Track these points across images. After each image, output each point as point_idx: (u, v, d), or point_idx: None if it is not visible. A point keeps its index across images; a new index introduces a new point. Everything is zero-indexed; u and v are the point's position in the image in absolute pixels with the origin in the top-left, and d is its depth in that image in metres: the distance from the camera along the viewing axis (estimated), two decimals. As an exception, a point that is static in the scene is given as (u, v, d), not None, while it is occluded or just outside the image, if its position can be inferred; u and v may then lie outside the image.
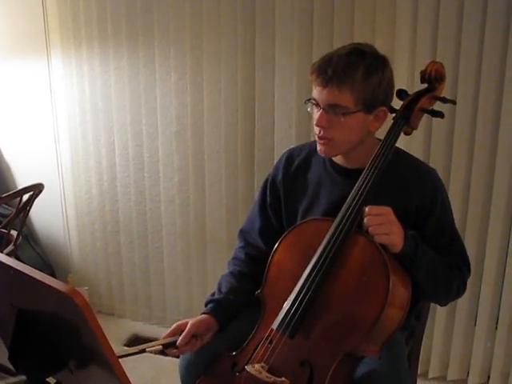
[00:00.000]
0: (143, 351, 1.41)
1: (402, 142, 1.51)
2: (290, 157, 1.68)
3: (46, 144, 3.21)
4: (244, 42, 2.52)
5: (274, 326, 1.40)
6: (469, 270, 1.54)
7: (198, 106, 2.69)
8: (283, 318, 1.39)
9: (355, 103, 1.40)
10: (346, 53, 1.43)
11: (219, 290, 1.62)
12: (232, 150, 2.67)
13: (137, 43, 2.76)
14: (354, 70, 1.39)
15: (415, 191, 1.49)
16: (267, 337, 1.41)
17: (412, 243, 1.38)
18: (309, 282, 1.36)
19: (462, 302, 2.40)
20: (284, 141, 2.50)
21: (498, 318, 2.39)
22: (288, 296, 1.40)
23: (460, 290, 1.53)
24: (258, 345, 1.43)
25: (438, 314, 2.46)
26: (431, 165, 2.26)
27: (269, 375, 1.34)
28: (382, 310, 1.28)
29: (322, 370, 1.33)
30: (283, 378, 1.33)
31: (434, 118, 1.77)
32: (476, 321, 2.43)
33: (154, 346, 1.44)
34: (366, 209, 1.36)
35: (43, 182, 2.55)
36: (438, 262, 1.45)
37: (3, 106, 3.31)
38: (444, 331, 2.48)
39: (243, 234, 1.73)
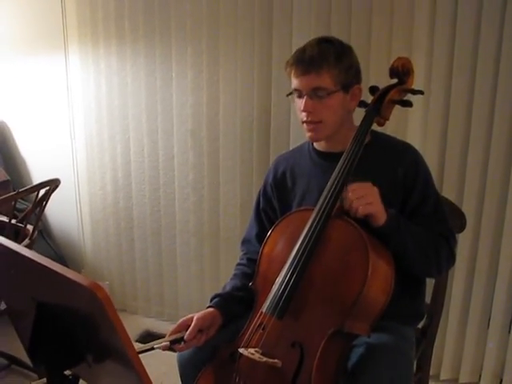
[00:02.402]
0: (152, 349, 1.44)
1: (417, 144, 1.49)
2: (276, 163, 1.82)
3: (61, 140, 3.24)
4: (261, 41, 2.52)
5: (264, 308, 1.46)
6: (454, 240, 1.60)
7: (213, 105, 2.70)
8: (271, 301, 1.44)
9: (334, 84, 1.54)
10: (316, 43, 1.58)
11: (224, 288, 1.70)
12: (247, 148, 2.68)
13: (154, 41, 2.77)
14: (327, 55, 1.53)
15: (399, 164, 1.58)
16: (259, 322, 1.47)
17: (394, 219, 1.45)
18: (294, 265, 1.43)
19: (475, 305, 2.39)
20: (299, 140, 2.46)
21: (511, 321, 2.38)
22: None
23: (450, 260, 1.59)
24: (253, 331, 1.47)
25: (451, 316, 2.45)
26: (447, 165, 2.31)
27: (261, 356, 1.39)
28: (363, 284, 1.34)
29: (311, 349, 1.37)
30: (275, 360, 1.38)
31: (447, 122, 1.78)
32: (489, 324, 2.42)
33: (161, 343, 1.47)
34: (348, 187, 1.44)
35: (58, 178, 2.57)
36: (423, 237, 1.51)
37: (20, 101, 3.35)
38: (456, 333, 2.47)
39: (244, 243, 1.85)
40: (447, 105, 2.27)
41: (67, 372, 1.19)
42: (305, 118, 1.58)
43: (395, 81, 1.61)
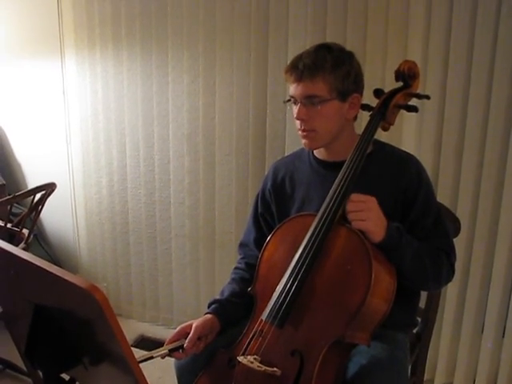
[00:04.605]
0: (151, 358, 1.42)
1: (412, 149, 1.49)
2: (276, 167, 1.79)
3: (57, 144, 3.24)
4: (257, 46, 2.54)
5: (263, 316, 1.45)
6: (455, 255, 1.58)
7: (209, 109, 2.71)
8: (272, 309, 1.43)
9: (329, 92, 1.51)
10: (314, 49, 1.55)
11: (222, 293, 1.68)
12: (243, 153, 2.68)
13: (150, 45, 2.78)
14: (323, 62, 1.50)
15: (402, 175, 1.56)
16: (258, 329, 1.45)
17: (396, 234, 1.42)
18: (295, 273, 1.41)
19: (469, 309, 2.40)
20: (295, 145, 2.48)
21: (505, 326, 2.39)
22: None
23: (449, 275, 1.57)
24: (252, 338, 1.46)
25: (445, 321, 2.46)
26: (441, 170, 2.32)
27: (260, 365, 1.37)
28: (366, 295, 1.32)
29: (311, 358, 1.36)
30: (275, 368, 1.37)
31: (441, 126, 1.77)
32: (483, 328, 2.42)
33: (160, 352, 1.46)
34: (350, 196, 1.42)
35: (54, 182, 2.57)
36: (424, 251, 1.49)
37: (16, 105, 3.35)
38: (451, 338, 2.48)
39: (242, 247, 1.82)
40: (442, 110, 2.28)
41: (63, 375, 1.19)
42: (299, 126, 1.57)
43: (400, 84, 1.59)
